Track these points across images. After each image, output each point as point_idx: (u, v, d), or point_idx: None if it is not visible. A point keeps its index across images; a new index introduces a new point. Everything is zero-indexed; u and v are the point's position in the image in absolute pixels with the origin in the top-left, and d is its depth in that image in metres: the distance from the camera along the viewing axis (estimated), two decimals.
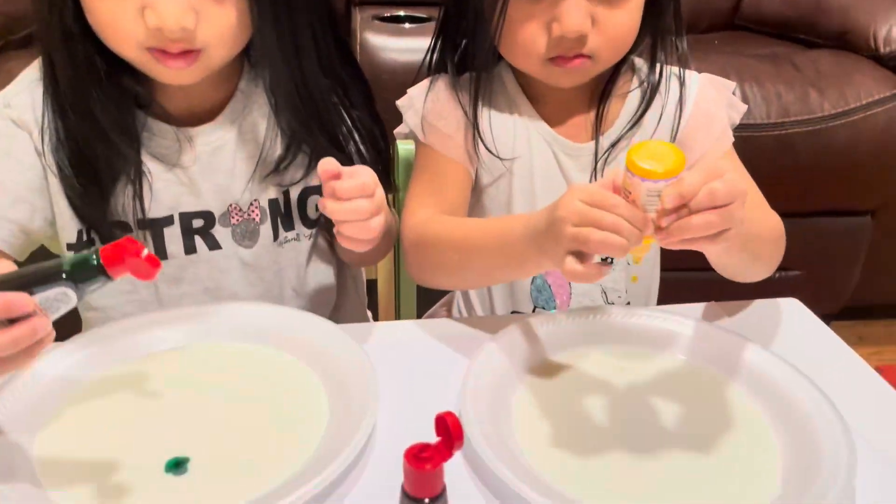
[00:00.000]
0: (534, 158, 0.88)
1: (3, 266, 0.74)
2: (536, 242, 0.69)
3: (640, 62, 0.88)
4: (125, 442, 0.64)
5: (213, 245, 0.86)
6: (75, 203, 0.79)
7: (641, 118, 0.86)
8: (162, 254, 0.84)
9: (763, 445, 0.65)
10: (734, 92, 0.90)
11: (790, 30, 1.91)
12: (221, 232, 0.86)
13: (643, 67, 0.88)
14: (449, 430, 0.46)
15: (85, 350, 0.72)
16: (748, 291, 0.85)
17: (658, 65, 0.86)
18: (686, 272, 0.71)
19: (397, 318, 1.16)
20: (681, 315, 0.79)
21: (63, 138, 0.78)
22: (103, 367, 0.72)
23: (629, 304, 0.94)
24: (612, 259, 0.80)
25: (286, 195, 0.88)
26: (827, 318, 0.86)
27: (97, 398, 0.69)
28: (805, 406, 0.66)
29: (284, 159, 0.85)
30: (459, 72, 0.89)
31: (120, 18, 0.71)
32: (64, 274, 0.53)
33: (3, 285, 0.51)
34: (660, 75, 0.86)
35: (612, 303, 0.94)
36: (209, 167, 0.84)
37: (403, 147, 1.04)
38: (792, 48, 1.84)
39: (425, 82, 0.90)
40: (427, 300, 1.17)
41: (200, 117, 0.84)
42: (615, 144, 0.86)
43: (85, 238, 0.81)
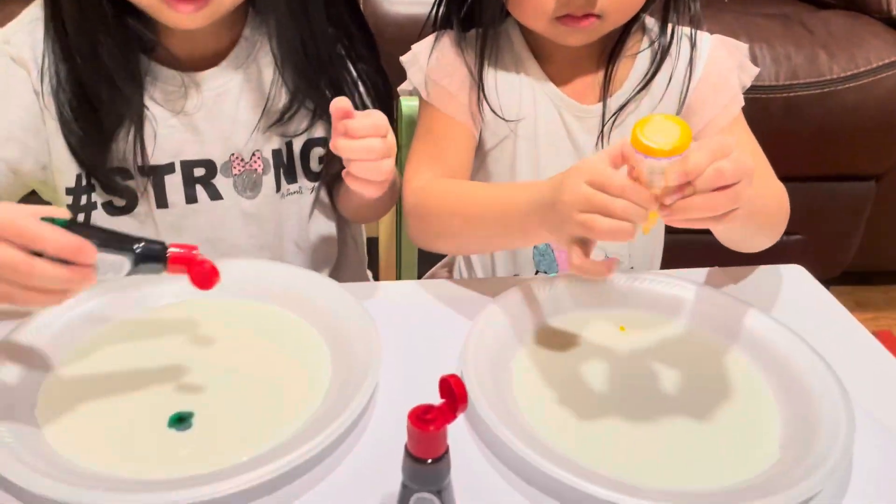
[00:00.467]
0: (539, 120, 0.86)
1: None
2: (540, 217, 0.68)
3: (651, 22, 0.86)
4: (127, 396, 0.64)
5: (215, 195, 0.85)
6: (75, 147, 0.79)
7: (651, 81, 0.84)
8: (163, 202, 0.84)
9: (762, 411, 0.66)
10: (746, 55, 0.88)
11: None
12: (223, 182, 0.85)
13: (654, 28, 0.86)
14: (453, 393, 0.46)
15: (87, 304, 0.72)
16: (750, 256, 0.84)
17: (669, 25, 0.84)
18: (690, 235, 0.71)
19: (398, 279, 1.16)
20: (683, 280, 0.79)
21: (64, 81, 0.77)
22: (105, 322, 0.72)
23: (632, 269, 0.93)
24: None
25: (289, 146, 0.87)
26: (826, 283, 0.86)
27: (98, 352, 0.69)
28: (805, 373, 0.67)
29: (289, 109, 0.84)
30: (465, 28, 0.87)
31: None
32: (137, 248, 0.57)
33: (78, 230, 0.55)
34: (671, 36, 0.85)
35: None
36: (212, 114, 0.83)
37: (407, 104, 1.03)
38: (803, 8, 1.81)
39: (430, 38, 0.88)
40: (428, 261, 1.17)
41: (204, 63, 0.83)
42: (623, 107, 0.84)
43: (84, 183, 0.81)
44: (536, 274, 0.94)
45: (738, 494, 0.55)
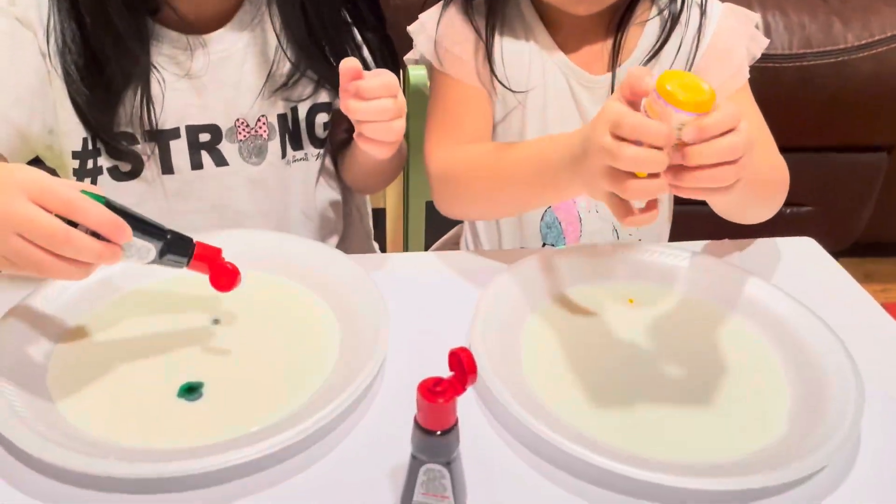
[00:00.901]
0: (548, 89, 0.85)
1: None
2: (571, 171, 0.66)
3: None
4: (137, 367, 0.64)
5: (220, 161, 0.85)
6: (82, 108, 0.78)
7: (661, 50, 0.83)
8: (168, 168, 0.84)
9: (770, 384, 0.66)
10: (757, 25, 0.86)
11: None
12: (228, 148, 0.85)
13: None
14: (462, 366, 0.46)
15: (97, 274, 0.71)
16: (761, 228, 0.84)
17: None
18: (698, 207, 0.70)
19: (405, 251, 1.16)
20: (692, 253, 0.78)
21: (70, 40, 0.76)
22: (115, 292, 0.72)
23: (640, 241, 0.93)
24: None
25: (294, 112, 0.87)
26: (836, 255, 0.86)
27: (108, 322, 0.69)
28: (814, 345, 0.67)
29: (293, 74, 0.84)
30: None
31: None
32: (168, 236, 0.59)
33: (118, 212, 0.55)
34: (681, 3, 0.83)
35: (623, 239, 0.93)
36: (217, 78, 0.83)
37: (414, 73, 1.01)
38: None
39: (437, 6, 0.87)
40: (435, 233, 1.16)
41: (208, 26, 0.82)
42: None
43: (90, 146, 0.81)
44: (543, 246, 0.94)
45: (746, 467, 0.55)
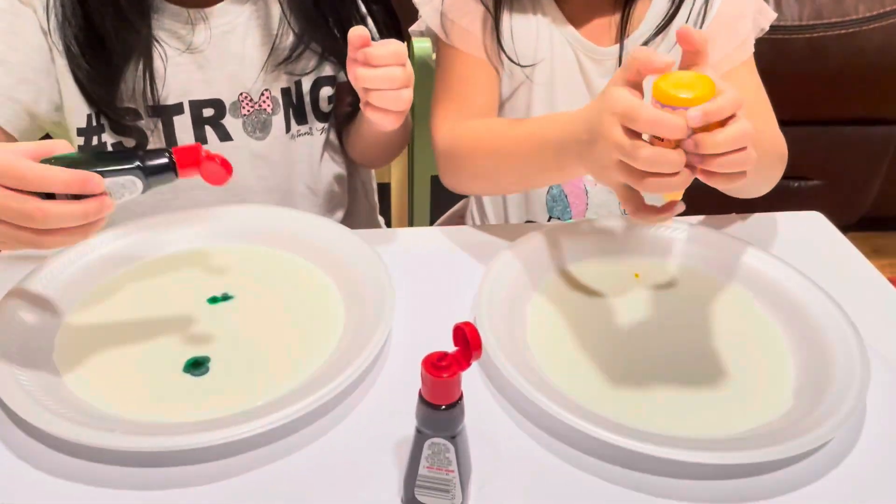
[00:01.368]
0: (556, 62, 0.84)
1: None
2: (576, 154, 0.64)
3: None
4: (143, 342, 0.65)
5: (224, 136, 0.85)
6: (84, 85, 0.78)
7: (670, 23, 0.81)
8: (172, 143, 0.84)
9: (776, 357, 0.65)
10: None
11: None
12: (232, 123, 0.85)
13: None
14: (467, 341, 0.46)
15: (100, 250, 0.73)
16: (769, 203, 0.83)
17: None
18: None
19: (410, 226, 1.15)
20: (699, 227, 0.78)
21: (70, 16, 0.76)
22: (119, 267, 0.73)
23: None
24: None
25: (298, 86, 0.87)
26: (843, 229, 0.85)
27: (113, 297, 0.69)
28: (820, 319, 0.66)
29: (297, 47, 0.83)
30: None
31: None
32: (138, 162, 0.55)
33: (79, 164, 0.53)
34: None
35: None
36: (220, 52, 0.82)
37: (419, 45, 1.00)
38: None
39: None
40: (440, 207, 1.16)
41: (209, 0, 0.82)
42: None
43: (95, 123, 0.80)
44: (549, 220, 0.94)
45: (751, 441, 0.55)
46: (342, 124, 0.95)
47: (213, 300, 0.70)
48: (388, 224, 1.15)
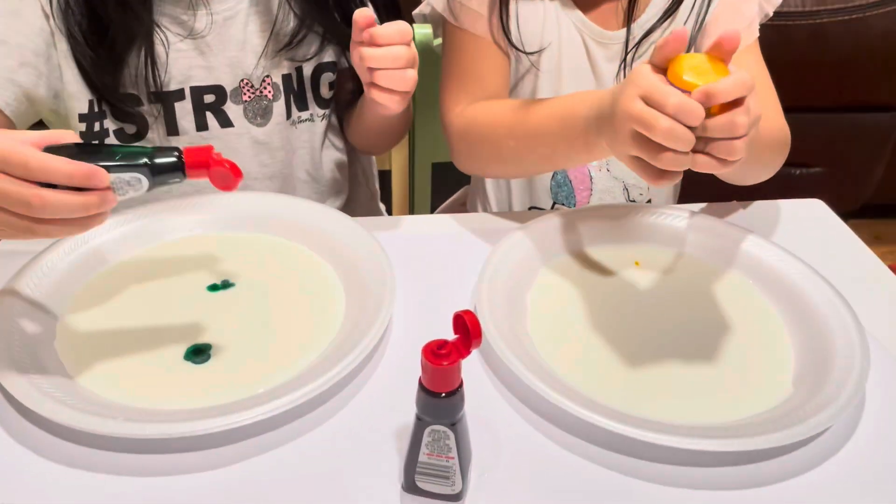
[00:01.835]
0: (562, 46, 0.84)
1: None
2: (597, 129, 0.64)
3: None
4: (146, 328, 0.65)
5: (225, 122, 0.85)
6: (87, 69, 0.78)
7: (677, 8, 0.81)
8: (173, 129, 0.83)
9: (776, 345, 0.66)
10: None
11: None
12: (233, 109, 0.85)
13: None
14: (467, 329, 0.46)
15: (101, 237, 0.72)
16: (770, 189, 0.83)
17: None
18: None
19: (411, 213, 1.15)
20: (700, 215, 0.78)
21: (73, 3, 0.75)
22: (120, 255, 0.73)
23: (650, 202, 0.92)
24: None
25: (299, 72, 0.86)
26: (845, 217, 0.85)
27: (115, 285, 0.69)
28: (820, 307, 0.66)
29: (298, 33, 0.83)
30: None
31: None
32: (145, 159, 0.54)
33: (85, 156, 0.52)
34: None
35: (634, 200, 0.92)
36: (221, 38, 0.82)
37: (420, 31, 1.00)
38: None
39: None
40: (441, 194, 1.16)
41: None
42: (647, 35, 0.82)
43: (97, 109, 0.80)
44: (553, 205, 0.93)
45: (750, 428, 0.55)
46: (343, 111, 0.94)
47: (214, 287, 0.70)
48: (389, 211, 1.14)
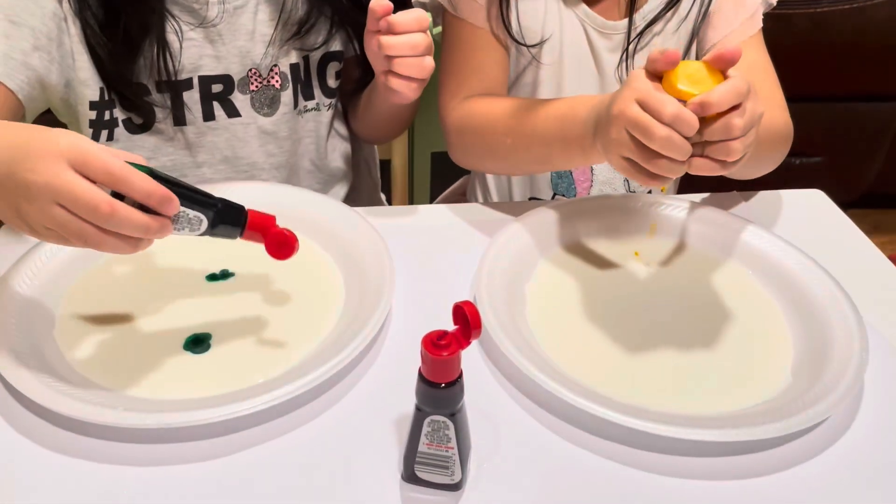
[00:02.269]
0: (564, 37, 0.83)
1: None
2: (594, 129, 0.64)
3: None
4: (143, 318, 0.65)
5: (232, 112, 0.85)
6: (101, 57, 0.77)
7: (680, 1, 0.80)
8: (181, 119, 0.83)
9: (775, 335, 0.66)
10: None
11: None
12: (240, 99, 0.84)
13: None
14: (467, 320, 0.46)
15: None
16: (770, 179, 0.83)
17: None
18: None
19: (411, 203, 1.15)
20: (700, 205, 0.78)
21: None
22: None
23: (650, 193, 0.92)
24: None
25: (306, 61, 0.86)
26: (844, 206, 0.85)
27: (116, 274, 0.69)
28: (819, 297, 0.66)
29: (306, 22, 0.83)
30: None
31: None
32: (219, 205, 0.55)
33: (165, 183, 0.52)
34: None
35: (634, 191, 0.92)
36: (232, 27, 0.81)
37: None
38: None
39: None
40: (441, 184, 1.15)
41: None
42: (650, 26, 0.81)
43: (107, 97, 0.80)
44: (554, 196, 0.93)
45: (748, 418, 0.55)
46: (348, 100, 0.94)
47: (213, 277, 0.70)
48: (389, 201, 1.14)
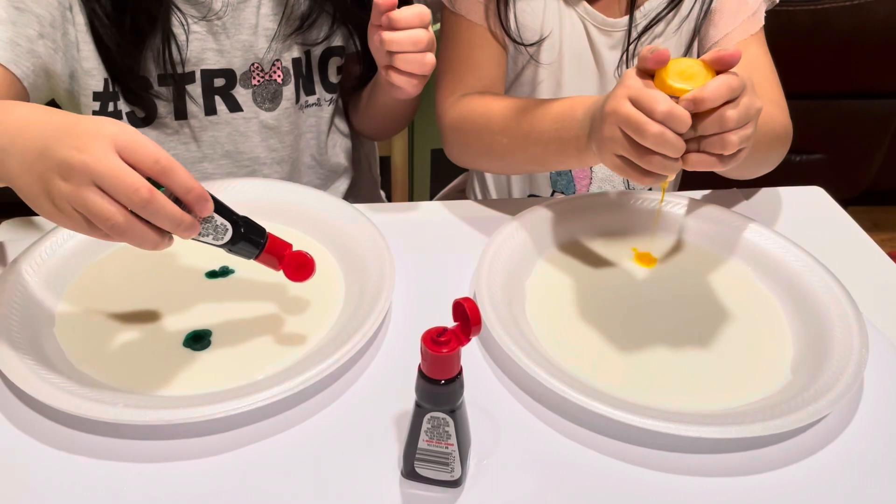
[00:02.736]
0: (564, 34, 0.83)
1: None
2: (591, 132, 0.64)
3: None
4: (143, 315, 0.65)
5: (234, 107, 0.85)
6: (110, 47, 0.77)
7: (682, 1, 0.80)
8: (182, 113, 0.83)
9: (775, 332, 0.66)
10: None
11: None
12: (242, 93, 0.85)
13: None
14: (467, 316, 0.46)
15: None
16: (770, 175, 0.83)
17: None
18: None
19: (410, 199, 1.15)
20: (699, 202, 0.78)
21: None
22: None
23: (651, 190, 0.92)
24: None
25: (308, 56, 0.86)
26: (845, 203, 0.85)
27: (116, 271, 0.69)
28: (819, 294, 0.66)
29: (309, 16, 0.83)
30: None
31: None
32: (240, 222, 0.56)
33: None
34: None
35: (634, 188, 0.92)
36: (235, 21, 0.81)
37: None
38: None
39: None
40: (440, 181, 1.15)
41: None
42: (652, 26, 0.81)
43: (111, 88, 0.80)
44: (553, 193, 0.93)
45: (748, 416, 0.55)
46: (349, 96, 0.94)
47: (213, 274, 0.70)
48: (389, 198, 1.14)
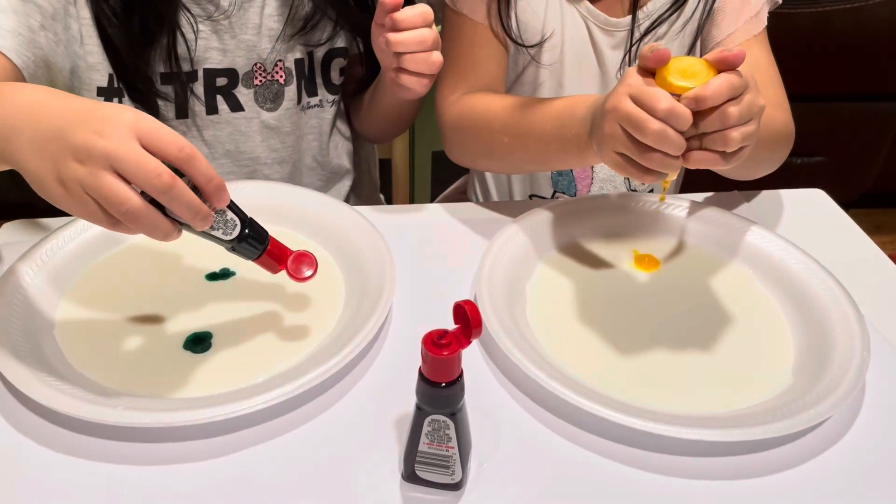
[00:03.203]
0: (566, 34, 0.83)
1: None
2: (592, 130, 0.64)
3: None
4: (143, 317, 0.65)
5: (236, 106, 0.85)
6: (110, 43, 0.77)
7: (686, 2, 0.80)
8: (184, 112, 0.83)
9: (776, 335, 0.65)
10: None
11: None
12: (244, 93, 0.85)
13: None
14: (467, 319, 0.45)
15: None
16: (771, 178, 0.83)
17: None
18: None
19: (411, 202, 1.15)
20: (700, 204, 0.77)
21: None
22: (120, 243, 0.72)
23: (652, 192, 0.92)
24: None
25: (311, 57, 0.86)
26: (846, 206, 0.85)
27: (116, 273, 0.69)
28: (820, 297, 0.66)
29: (312, 17, 0.83)
30: None
31: None
32: (247, 221, 0.56)
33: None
34: None
35: (635, 189, 0.92)
36: (239, 21, 0.81)
37: None
38: None
39: None
40: (441, 183, 1.15)
41: None
42: (654, 27, 0.81)
43: (115, 84, 0.80)
44: (554, 194, 0.93)
45: (750, 418, 0.55)
46: (351, 98, 0.94)
47: (213, 276, 0.70)
48: (389, 201, 1.14)
